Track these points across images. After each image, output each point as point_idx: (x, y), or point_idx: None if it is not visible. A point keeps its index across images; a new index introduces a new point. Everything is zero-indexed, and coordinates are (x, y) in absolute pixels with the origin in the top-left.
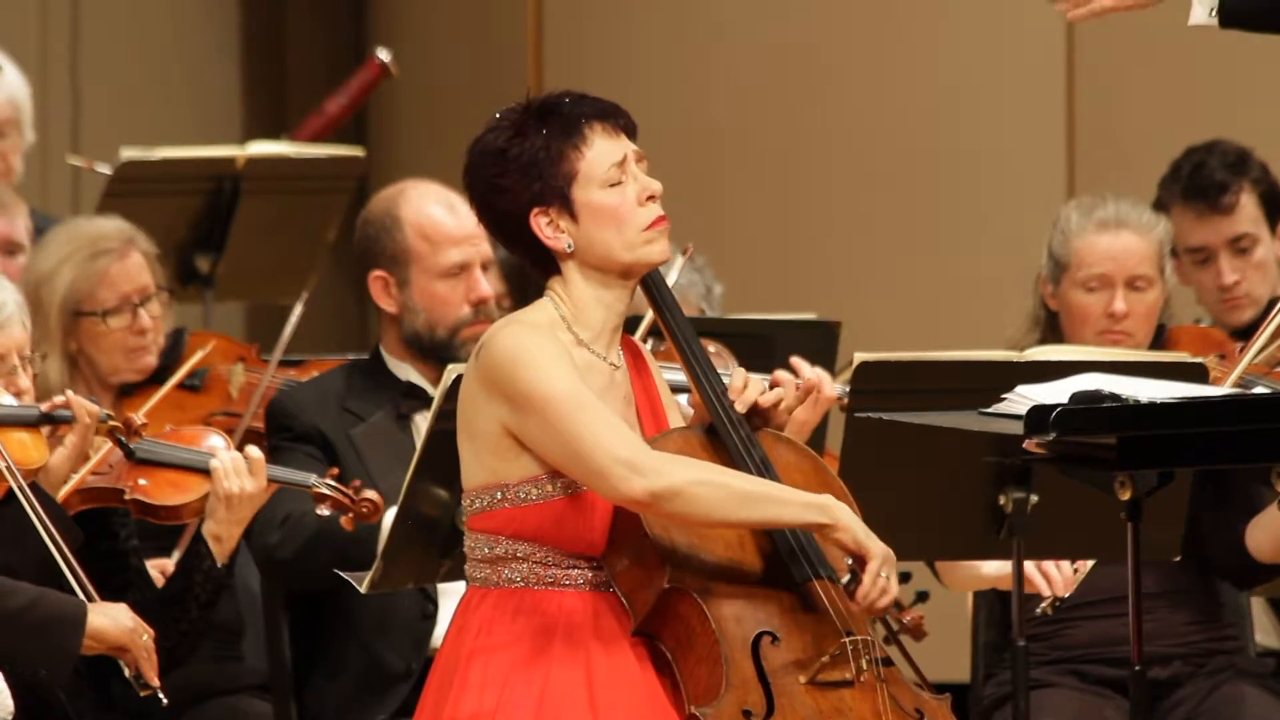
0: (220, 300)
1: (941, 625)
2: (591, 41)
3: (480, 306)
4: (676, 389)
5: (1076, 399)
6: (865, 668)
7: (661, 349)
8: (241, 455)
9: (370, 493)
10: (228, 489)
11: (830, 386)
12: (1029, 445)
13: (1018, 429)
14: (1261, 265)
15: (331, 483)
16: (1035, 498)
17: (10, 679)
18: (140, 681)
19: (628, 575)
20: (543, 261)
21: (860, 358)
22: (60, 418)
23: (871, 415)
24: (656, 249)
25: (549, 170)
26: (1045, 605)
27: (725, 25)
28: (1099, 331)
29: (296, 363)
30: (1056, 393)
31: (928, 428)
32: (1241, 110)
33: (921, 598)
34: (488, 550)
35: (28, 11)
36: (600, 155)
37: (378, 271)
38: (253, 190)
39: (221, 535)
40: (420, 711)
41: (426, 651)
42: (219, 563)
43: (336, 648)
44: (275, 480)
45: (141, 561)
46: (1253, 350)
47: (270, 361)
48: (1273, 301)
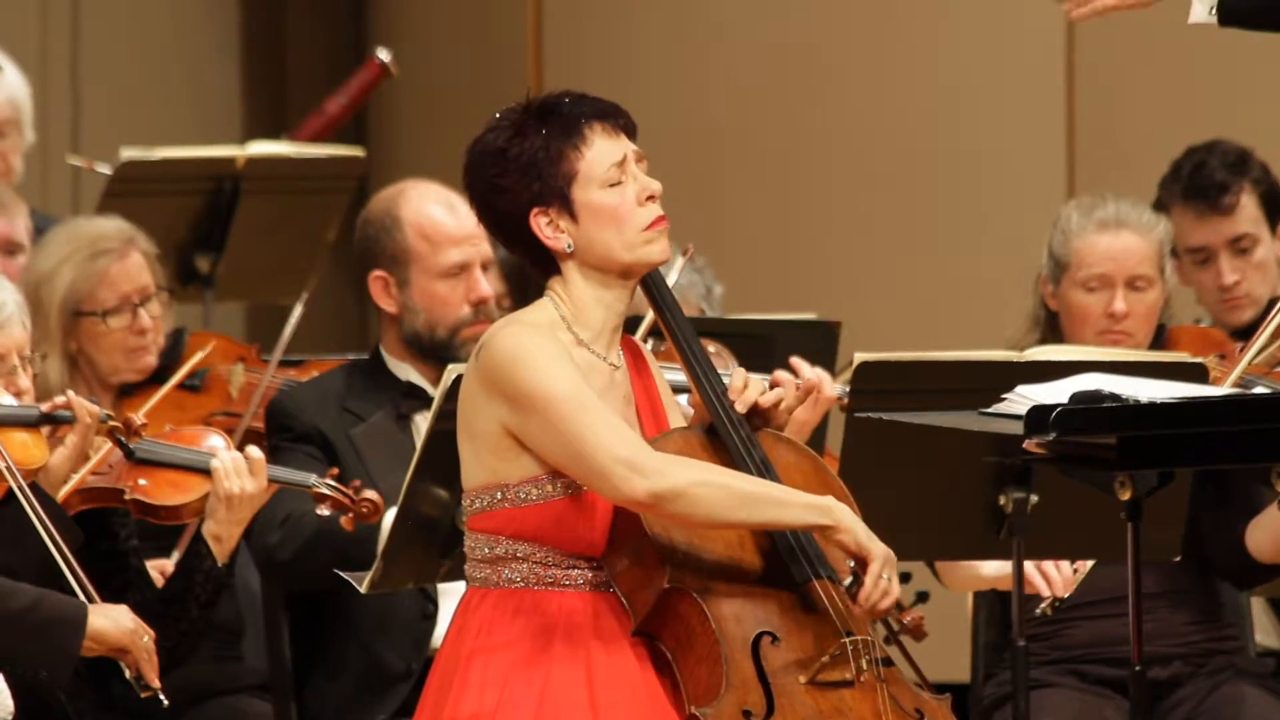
0: (220, 300)
1: (941, 625)
2: (591, 41)
3: (480, 306)
4: (677, 389)
5: (1076, 399)
6: (865, 668)
7: (662, 349)
8: (242, 455)
9: (370, 493)
10: (228, 489)
11: (830, 386)
12: (1029, 445)
13: (1018, 429)
14: (1261, 265)
15: (331, 483)
16: (1035, 498)
17: (10, 680)
18: (141, 683)
19: (628, 575)
20: (543, 261)
21: (860, 358)
22: (60, 418)
23: (871, 415)
24: (656, 249)
25: (549, 170)
26: (1045, 605)
27: (725, 25)
28: (1099, 331)
29: (296, 363)
30: (1056, 393)
31: (928, 428)
32: (1242, 110)
33: (921, 598)
34: (488, 550)
35: (28, 11)
36: (600, 155)
37: (378, 271)
38: (253, 190)
39: (221, 535)
40: (420, 711)
41: (426, 651)
42: (219, 563)
43: (336, 648)
44: (275, 480)
45: (141, 561)
46: (1253, 350)
47: (270, 361)
48: (1273, 301)
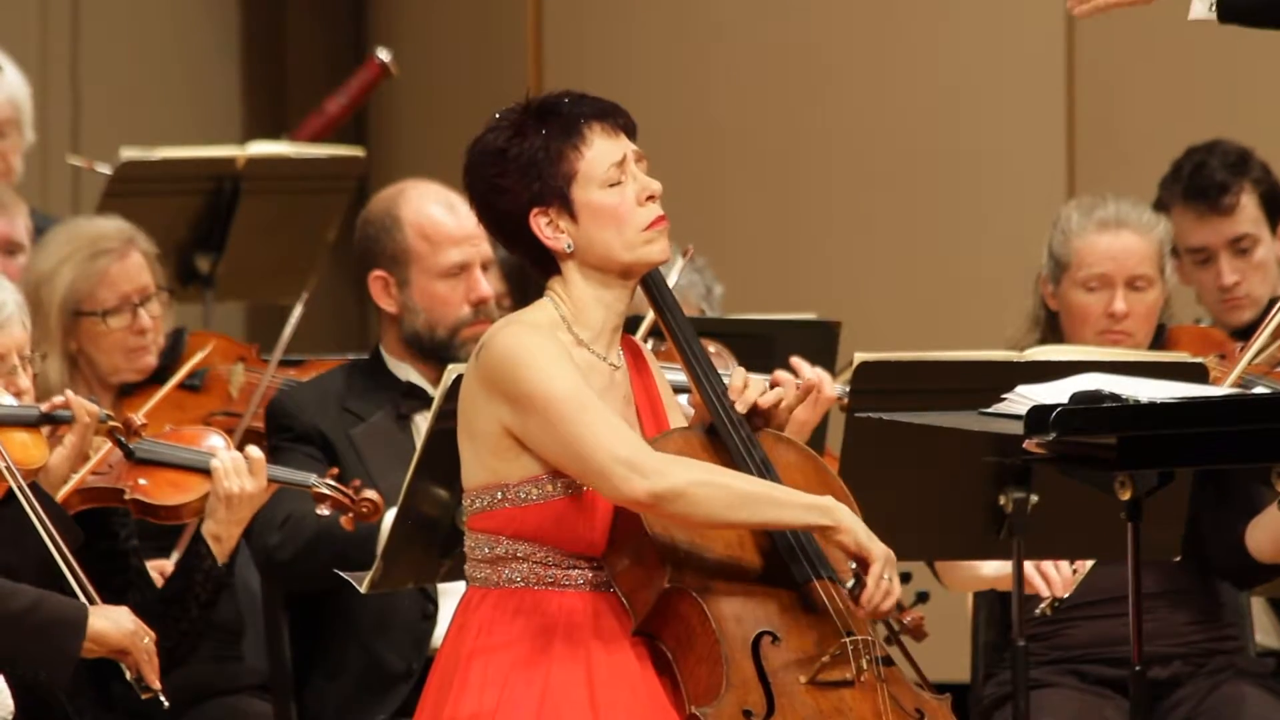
0: (220, 300)
1: (941, 625)
2: (591, 41)
3: (480, 306)
4: (677, 389)
5: (1076, 399)
6: (865, 667)
7: (662, 349)
8: (241, 455)
9: (370, 493)
10: (228, 489)
11: (830, 386)
12: (1029, 445)
13: (1018, 429)
14: (1262, 265)
15: (331, 483)
16: (1035, 498)
17: (10, 680)
18: (141, 684)
19: (628, 575)
20: (543, 261)
21: (860, 358)
22: (60, 418)
23: (871, 415)
24: (656, 249)
25: (548, 170)
26: (1044, 606)
27: (725, 25)
28: (1099, 331)
29: (296, 363)
30: (1056, 393)
31: (928, 428)
32: (1242, 110)
33: (921, 598)
34: (488, 550)
35: (28, 11)
36: (600, 155)
37: (378, 271)
38: (253, 190)
39: (221, 535)
40: (420, 711)
41: (426, 651)
42: (219, 562)
43: (336, 648)
44: (275, 480)
45: (142, 561)
46: (1253, 350)
47: (270, 361)
48: (1273, 301)
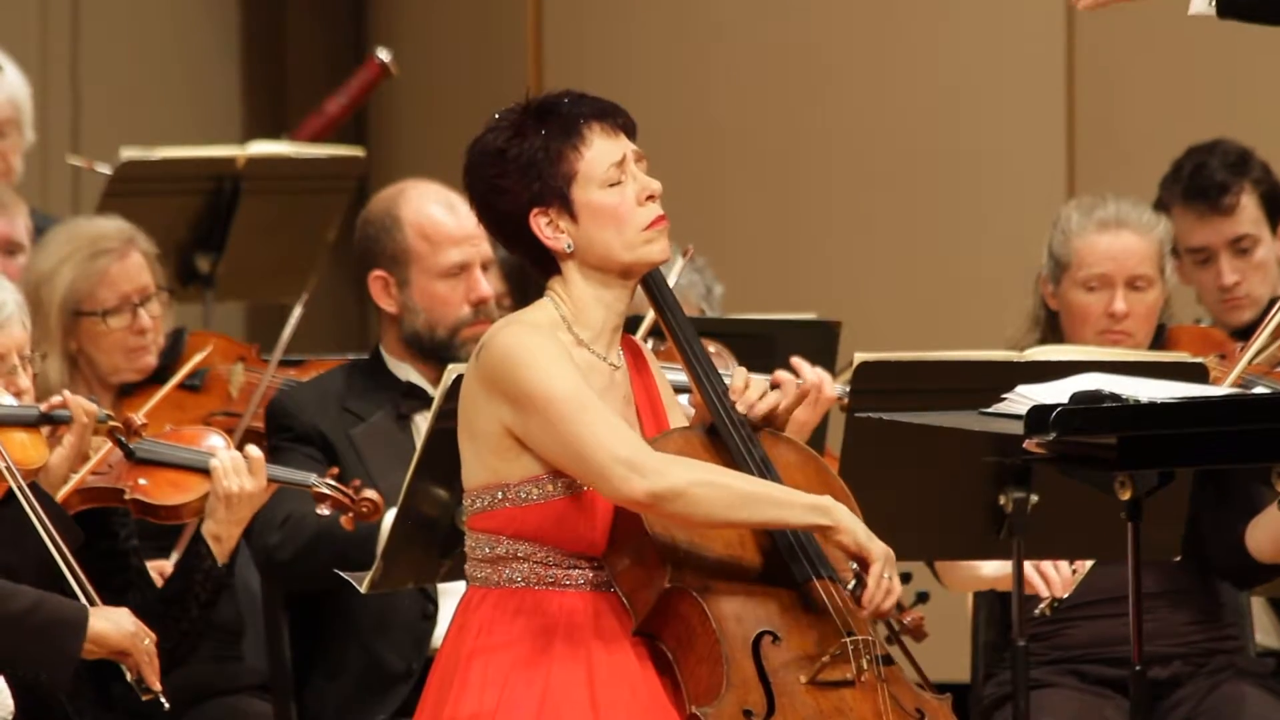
0: (220, 300)
1: (941, 625)
2: (591, 41)
3: (480, 306)
4: (677, 389)
5: (1076, 399)
6: (866, 667)
7: (662, 349)
8: (241, 455)
9: (370, 492)
10: (228, 488)
11: (830, 386)
12: (1029, 445)
13: (1018, 429)
14: (1262, 266)
15: (331, 482)
16: (1035, 498)
17: (10, 680)
18: (142, 686)
19: (629, 575)
20: (543, 261)
21: (860, 358)
22: (60, 418)
23: (871, 415)
24: (656, 248)
25: (548, 170)
26: (1044, 606)
27: (725, 25)
28: (1099, 331)
29: (296, 363)
30: (1056, 393)
31: (928, 428)
32: (1242, 109)
33: (921, 598)
34: (489, 550)
35: (28, 11)
36: (599, 155)
37: (378, 271)
38: (253, 190)
39: (221, 535)
40: (420, 711)
41: (426, 651)
42: (219, 562)
43: (336, 648)
44: (275, 480)
45: (142, 561)
46: (1252, 350)
47: (270, 361)
48: (1273, 301)
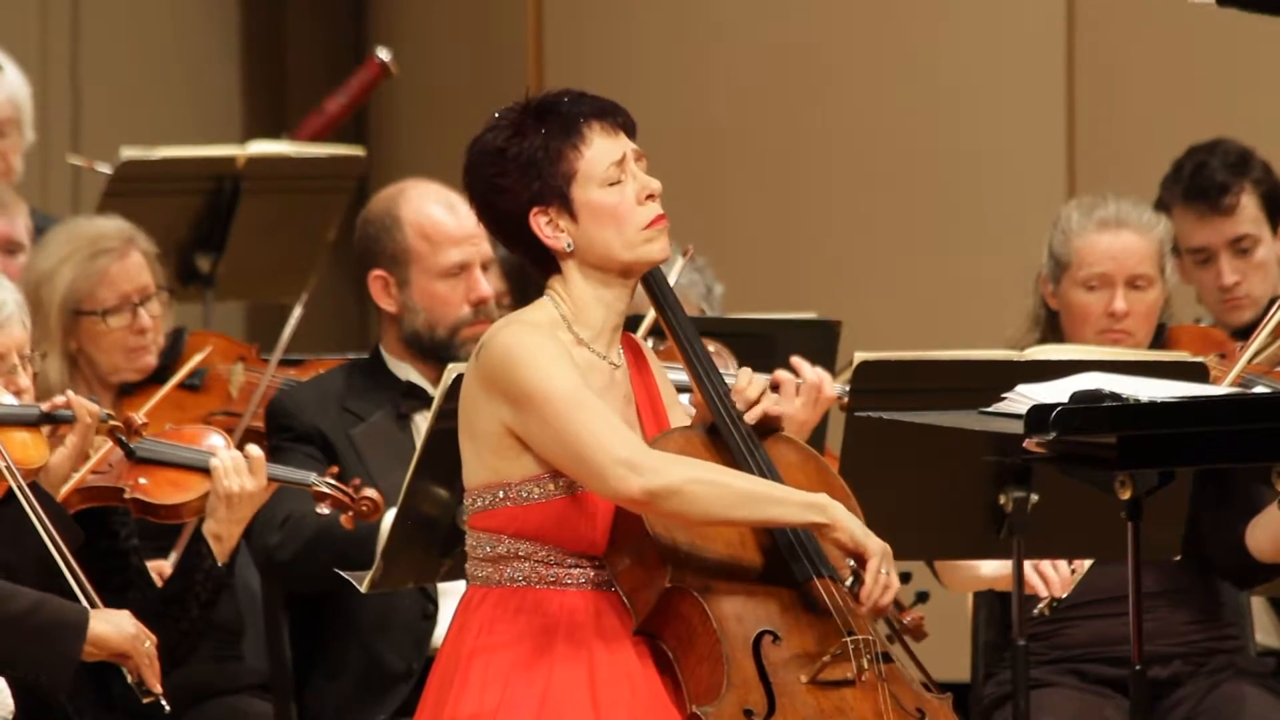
0: (220, 300)
1: (941, 625)
2: (591, 41)
3: (480, 306)
4: (678, 388)
5: (1076, 398)
6: (866, 667)
7: (662, 348)
8: (241, 454)
9: (370, 491)
10: (228, 488)
11: (830, 386)
12: (1029, 445)
13: (1018, 428)
14: (1262, 265)
15: (331, 481)
16: (1035, 497)
17: (11, 681)
18: (142, 688)
19: (629, 574)
20: (543, 261)
21: (860, 357)
22: (60, 417)
23: (871, 415)
24: (656, 247)
25: (548, 170)
26: (1043, 606)
27: (725, 25)
28: (1099, 331)
29: (296, 363)
30: (1056, 392)
31: (928, 427)
32: (1242, 108)
33: (921, 598)
34: (489, 549)
35: (28, 11)
36: (599, 154)
37: (378, 271)
38: (253, 190)
39: (221, 534)
40: (421, 711)
41: (427, 651)
42: (219, 562)
43: (337, 648)
44: (275, 479)
45: (142, 561)
46: (1252, 350)
47: (270, 361)
48: (1273, 301)
